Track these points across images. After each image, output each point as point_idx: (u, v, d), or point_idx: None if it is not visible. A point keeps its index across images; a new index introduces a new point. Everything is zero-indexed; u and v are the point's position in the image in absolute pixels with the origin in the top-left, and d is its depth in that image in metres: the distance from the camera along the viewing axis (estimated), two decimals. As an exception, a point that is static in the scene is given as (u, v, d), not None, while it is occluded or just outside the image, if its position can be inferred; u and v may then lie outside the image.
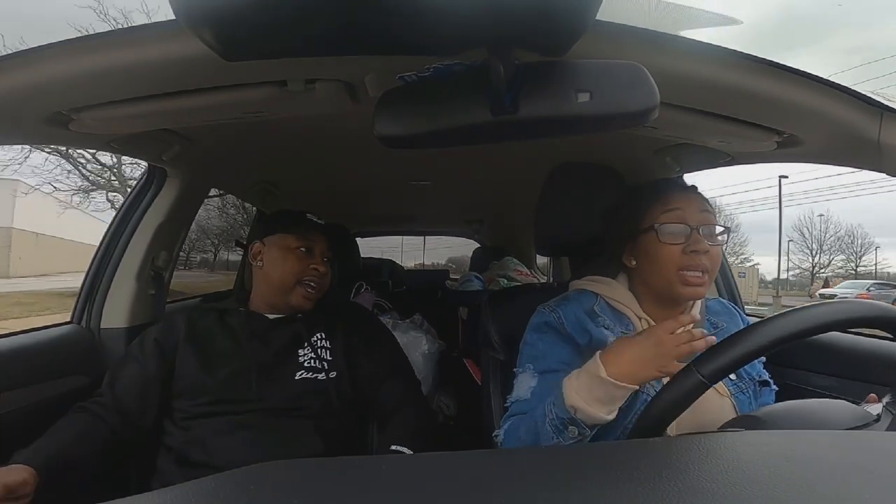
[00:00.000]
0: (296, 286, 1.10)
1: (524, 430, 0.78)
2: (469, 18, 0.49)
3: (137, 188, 1.34)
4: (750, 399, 0.85)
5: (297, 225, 1.13)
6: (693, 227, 0.80)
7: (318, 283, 1.11)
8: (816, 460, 0.40)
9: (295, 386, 1.02)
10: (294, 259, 1.10)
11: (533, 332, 0.90)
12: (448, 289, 2.67)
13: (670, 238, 0.81)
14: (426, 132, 0.64)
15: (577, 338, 0.86)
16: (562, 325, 0.87)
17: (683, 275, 0.79)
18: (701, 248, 0.79)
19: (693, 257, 0.79)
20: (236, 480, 0.37)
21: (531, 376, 0.86)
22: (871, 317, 0.62)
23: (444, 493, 0.36)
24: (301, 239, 1.12)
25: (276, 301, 1.11)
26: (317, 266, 1.11)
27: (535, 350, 0.88)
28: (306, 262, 1.11)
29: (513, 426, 0.83)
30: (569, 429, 0.72)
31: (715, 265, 0.81)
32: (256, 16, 0.47)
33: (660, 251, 0.81)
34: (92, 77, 0.71)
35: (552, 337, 0.87)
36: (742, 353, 0.59)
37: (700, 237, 0.80)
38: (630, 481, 0.35)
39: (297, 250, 1.11)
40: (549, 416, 0.74)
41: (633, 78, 0.60)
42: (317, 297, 1.12)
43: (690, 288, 0.79)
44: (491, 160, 1.66)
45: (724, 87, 0.76)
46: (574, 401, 0.71)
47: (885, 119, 0.79)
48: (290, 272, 1.10)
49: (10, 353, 1.04)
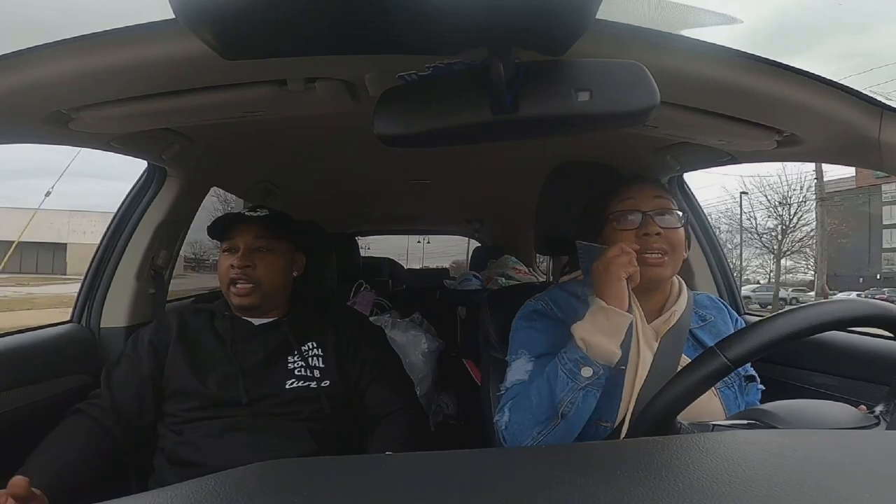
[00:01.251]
0: (229, 288, 1.05)
1: (535, 392, 0.81)
2: (469, 18, 0.49)
3: (137, 187, 1.34)
4: (736, 394, 0.87)
5: (217, 224, 1.07)
6: (645, 211, 0.85)
7: (244, 278, 1.03)
8: (817, 460, 0.40)
9: (286, 394, 1.01)
10: (222, 262, 1.06)
11: (522, 321, 0.92)
12: (446, 288, 2.66)
13: (625, 224, 0.86)
14: (426, 131, 0.64)
15: (568, 319, 0.87)
16: (552, 311, 0.91)
17: (642, 257, 0.83)
18: (652, 230, 0.84)
19: (647, 240, 0.84)
20: (236, 480, 0.37)
21: (527, 361, 0.88)
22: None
23: (444, 492, 0.36)
24: (225, 240, 1.07)
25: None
26: (233, 263, 1.03)
27: (527, 337, 0.90)
28: (227, 261, 1.05)
29: (520, 397, 0.84)
30: (582, 370, 0.77)
31: (675, 247, 0.85)
32: (256, 15, 0.47)
33: (617, 237, 0.86)
34: (92, 76, 0.71)
35: (543, 324, 0.90)
36: (769, 339, 0.59)
37: (652, 221, 0.85)
38: (630, 481, 0.35)
39: (224, 253, 1.06)
40: (562, 363, 0.78)
41: (633, 77, 0.60)
42: (253, 291, 1.04)
43: (650, 268, 0.83)
44: (491, 159, 1.66)
45: (724, 87, 0.76)
46: (584, 334, 0.77)
47: (885, 118, 0.79)
48: (221, 277, 1.06)
49: (11, 353, 1.04)
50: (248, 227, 1.06)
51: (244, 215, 1.07)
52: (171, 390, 1.01)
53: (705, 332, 0.91)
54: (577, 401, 0.76)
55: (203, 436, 0.96)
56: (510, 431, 0.82)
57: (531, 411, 0.80)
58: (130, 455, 1.02)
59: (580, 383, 0.77)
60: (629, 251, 0.79)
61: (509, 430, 0.82)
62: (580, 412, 0.77)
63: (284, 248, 1.10)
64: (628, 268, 0.79)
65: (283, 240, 1.09)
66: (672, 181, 1.41)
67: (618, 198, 0.88)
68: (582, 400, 0.77)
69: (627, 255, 0.79)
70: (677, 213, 0.87)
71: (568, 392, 0.77)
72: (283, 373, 1.02)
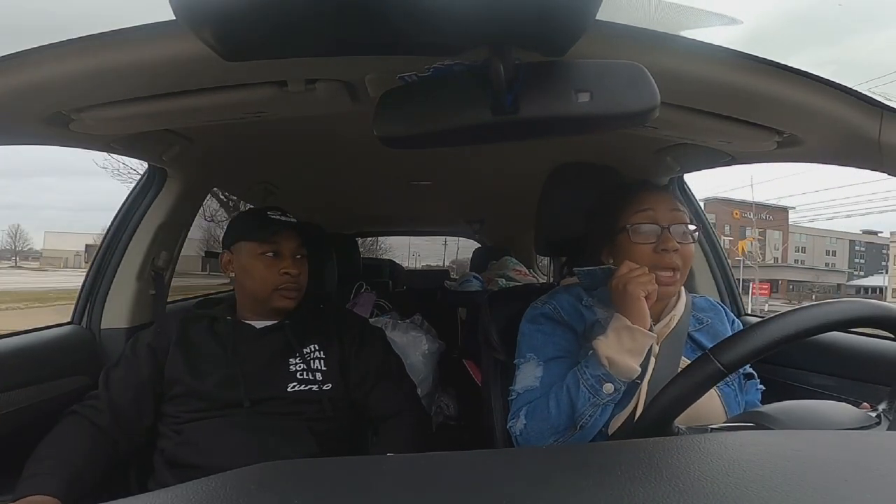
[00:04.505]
0: (272, 293, 1.05)
1: (553, 402, 0.81)
2: (469, 18, 0.49)
3: (137, 188, 1.34)
4: (735, 392, 0.87)
5: (260, 228, 1.06)
6: (664, 226, 0.84)
7: (295, 284, 1.06)
8: (817, 460, 0.40)
9: (287, 397, 1.00)
10: (262, 267, 1.05)
11: (530, 324, 0.92)
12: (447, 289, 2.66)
13: (642, 237, 0.84)
14: (426, 132, 0.64)
15: (574, 324, 0.89)
16: (558, 314, 0.90)
17: (656, 275, 0.82)
18: (671, 247, 0.83)
19: (664, 256, 0.83)
20: (237, 480, 0.37)
21: (536, 365, 0.87)
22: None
23: (444, 492, 0.36)
24: (266, 243, 1.05)
25: (258, 308, 1.08)
26: (288, 270, 1.05)
27: (534, 340, 0.89)
28: (276, 266, 1.05)
29: (537, 405, 0.83)
30: (604, 386, 0.77)
31: (686, 262, 0.85)
32: (257, 16, 0.47)
33: (633, 250, 0.85)
34: (92, 77, 0.71)
35: (550, 327, 0.90)
36: (763, 343, 0.58)
37: (670, 236, 0.83)
38: (630, 481, 0.35)
39: (265, 256, 1.05)
40: (583, 378, 0.79)
41: (633, 78, 0.60)
42: (298, 296, 1.08)
43: (661, 287, 0.83)
44: (491, 160, 1.66)
45: (724, 87, 0.76)
46: (610, 352, 0.77)
47: (885, 119, 0.79)
48: (262, 281, 1.05)
49: (11, 354, 1.04)
50: (292, 234, 1.07)
51: (288, 221, 1.07)
52: (170, 394, 1.01)
53: (703, 334, 0.91)
54: (595, 414, 0.78)
55: (203, 436, 0.96)
56: (525, 438, 0.83)
57: (549, 421, 0.81)
58: (130, 456, 1.02)
59: (601, 399, 0.78)
60: (643, 268, 0.79)
61: (524, 437, 0.83)
62: (597, 423, 0.79)
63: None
64: (647, 286, 0.79)
65: (307, 245, 1.12)
66: (672, 182, 1.41)
67: (634, 208, 0.86)
68: (600, 413, 0.78)
69: (645, 273, 0.79)
70: (691, 227, 0.86)
71: (588, 407, 0.78)
72: (284, 376, 1.02)
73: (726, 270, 1.48)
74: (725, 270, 1.47)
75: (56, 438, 0.92)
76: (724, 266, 1.48)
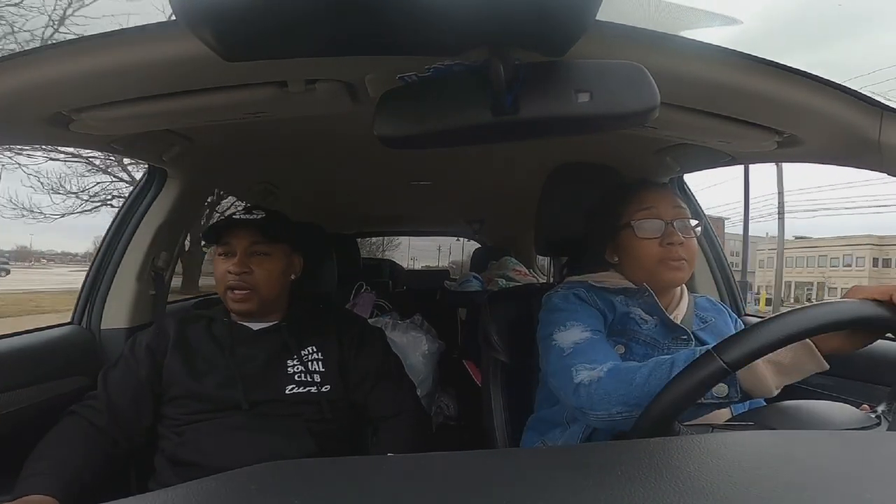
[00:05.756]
0: (225, 294, 1.03)
1: (645, 373, 0.70)
2: (469, 18, 0.49)
3: (138, 189, 1.34)
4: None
5: (213, 228, 1.05)
6: (667, 221, 0.87)
7: (241, 284, 1.01)
8: (817, 460, 0.40)
9: (286, 399, 1.00)
10: (218, 267, 1.04)
11: (561, 301, 0.89)
12: (447, 289, 2.66)
13: (647, 233, 0.87)
14: (426, 132, 0.64)
15: (606, 311, 0.88)
16: (590, 297, 0.89)
17: (666, 262, 0.85)
18: (676, 240, 0.86)
19: (669, 249, 0.86)
20: (237, 480, 0.37)
21: (583, 329, 0.82)
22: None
23: (444, 493, 0.36)
24: (221, 245, 1.04)
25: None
26: (229, 268, 1.01)
27: (573, 312, 0.85)
28: (224, 266, 1.03)
29: (624, 368, 0.73)
30: (717, 387, 0.65)
31: (691, 255, 0.88)
32: (257, 16, 0.47)
33: (638, 246, 0.87)
34: (92, 77, 0.71)
35: (580, 306, 0.88)
36: (766, 341, 0.58)
37: (674, 230, 0.86)
38: (630, 481, 0.35)
39: (219, 257, 1.04)
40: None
41: (633, 78, 0.60)
42: (250, 297, 1.02)
43: (673, 272, 0.86)
44: (491, 160, 1.66)
45: (724, 87, 0.76)
46: (770, 357, 0.64)
47: (885, 119, 0.79)
48: (217, 282, 1.04)
49: (11, 354, 1.04)
50: (244, 230, 1.03)
51: (240, 219, 1.04)
52: (169, 395, 1.01)
53: (707, 333, 0.91)
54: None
55: (204, 437, 0.96)
56: (588, 393, 0.73)
57: (629, 388, 0.70)
58: (130, 456, 1.02)
59: (703, 398, 0.65)
60: None
61: (587, 392, 0.73)
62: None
63: (281, 251, 1.06)
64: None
65: (279, 242, 1.06)
66: (672, 182, 1.41)
67: (636, 206, 0.89)
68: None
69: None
70: (693, 221, 0.89)
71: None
72: (282, 378, 1.02)
73: (726, 270, 1.48)
74: (725, 270, 1.47)
75: (54, 439, 0.92)
76: (724, 266, 1.48)
